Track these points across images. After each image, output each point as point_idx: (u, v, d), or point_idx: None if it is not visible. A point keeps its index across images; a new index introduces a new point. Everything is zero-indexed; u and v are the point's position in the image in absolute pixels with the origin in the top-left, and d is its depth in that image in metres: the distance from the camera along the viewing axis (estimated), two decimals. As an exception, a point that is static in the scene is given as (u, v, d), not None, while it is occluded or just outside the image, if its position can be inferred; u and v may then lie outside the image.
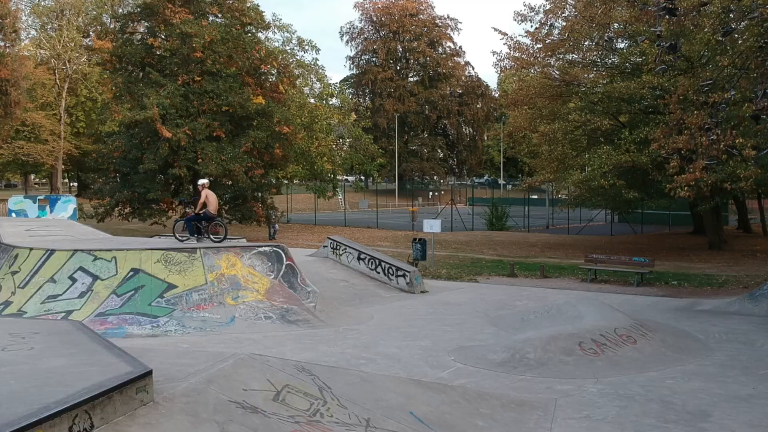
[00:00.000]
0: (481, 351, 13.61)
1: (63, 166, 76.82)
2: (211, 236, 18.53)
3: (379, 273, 22.29)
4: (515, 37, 38.84)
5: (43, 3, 75.90)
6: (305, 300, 17.22)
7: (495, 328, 16.16)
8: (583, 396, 11.09)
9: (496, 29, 37.87)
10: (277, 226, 40.74)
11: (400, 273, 21.86)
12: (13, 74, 48.47)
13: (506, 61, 38.68)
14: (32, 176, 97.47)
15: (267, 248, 17.86)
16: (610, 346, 13.42)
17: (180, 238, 18.86)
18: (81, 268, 16.48)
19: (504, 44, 38.21)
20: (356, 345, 14.28)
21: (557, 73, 35.05)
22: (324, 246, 24.64)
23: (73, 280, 16.32)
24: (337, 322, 16.54)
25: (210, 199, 18.25)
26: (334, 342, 14.50)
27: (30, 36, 76.71)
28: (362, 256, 22.89)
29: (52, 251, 16.88)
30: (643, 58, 30.71)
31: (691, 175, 18.15)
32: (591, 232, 46.86)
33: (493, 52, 39.11)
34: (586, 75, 35.07)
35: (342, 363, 12.73)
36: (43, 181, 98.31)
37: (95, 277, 16.32)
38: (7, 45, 51.11)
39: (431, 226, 28.06)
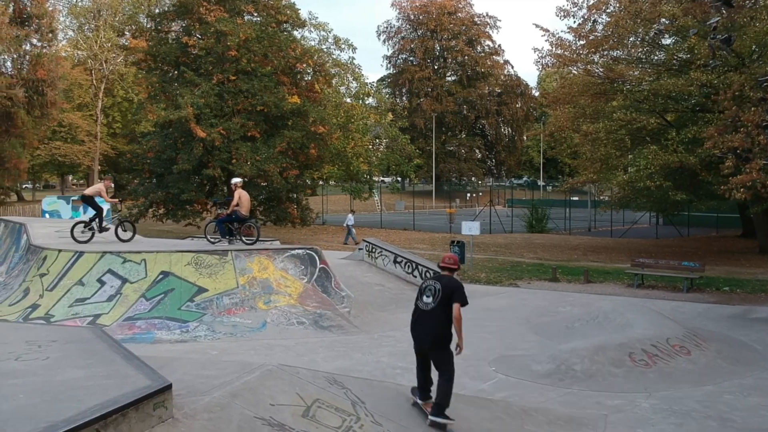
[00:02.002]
0: (524, 361, 12.87)
1: (99, 167, 77.29)
2: (244, 238, 18.01)
3: (416, 277, 21.55)
4: (557, 33, 37.91)
5: (80, 3, 76.61)
6: (339, 305, 16.62)
7: (538, 337, 15.39)
8: (636, 412, 10.34)
9: (537, 25, 37.17)
10: (354, 230, 39.96)
11: (437, 277, 21.12)
12: (50, 74, 48.53)
13: (548, 59, 37.70)
14: (70, 177, 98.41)
15: (300, 251, 17.29)
16: (663, 357, 12.59)
17: (211, 240, 18.40)
18: (110, 271, 16.08)
19: (545, 41, 37.08)
20: (392, 353, 13.63)
21: (601, 70, 34.00)
22: (359, 249, 23.98)
23: (102, 282, 15.92)
24: (372, 329, 15.89)
25: (242, 199, 17.75)
26: (368, 350, 13.87)
27: (67, 37, 77.46)
28: (398, 259, 22.18)
29: (81, 253, 16.49)
30: (693, 54, 29.59)
31: (747, 176, 17.16)
32: (635, 234, 45.59)
33: (535, 49, 37.89)
34: (631, 72, 33.98)
35: (377, 373, 12.09)
36: (81, 181, 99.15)
37: (124, 280, 15.91)
38: (44, 45, 51.22)
39: (470, 228, 27.28)
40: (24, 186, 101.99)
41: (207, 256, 16.30)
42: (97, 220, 18.65)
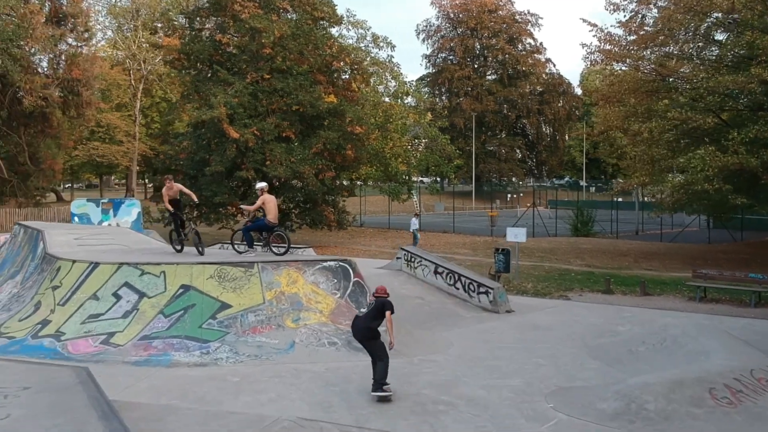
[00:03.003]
0: (587, 396, 11.22)
1: (138, 168, 76.98)
2: (272, 248, 16.57)
3: (458, 289, 19.93)
4: (606, 27, 35.99)
5: (119, 3, 76.28)
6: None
7: (598, 363, 13.70)
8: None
9: (584, 20, 34.90)
10: (419, 235, 38.16)
11: (482, 289, 19.44)
12: (85, 74, 47.87)
13: (596, 54, 35.96)
14: (113, 177, 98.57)
15: (332, 263, 15.77)
16: (748, 394, 10.87)
17: (239, 249, 17.01)
18: (127, 284, 14.78)
19: (593, 36, 35.27)
20: (433, 383, 12.08)
21: (652, 66, 32.08)
22: (397, 257, 22.35)
23: (118, 297, 14.63)
24: (412, 351, 14.34)
25: (269, 205, 16.34)
26: (407, 378, 12.34)
27: (106, 37, 77.22)
28: (440, 269, 20.53)
29: (96, 264, 15.22)
30: (752, 49, 27.59)
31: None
32: (686, 239, 43.32)
33: (583, 45, 36.32)
34: (683, 69, 32.03)
35: (417, 410, 10.59)
36: (123, 182, 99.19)
37: (141, 294, 14.59)
38: (80, 45, 50.61)
39: (515, 234, 25.60)
40: (67, 185, 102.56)
41: (231, 268, 14.92)
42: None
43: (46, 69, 50.76)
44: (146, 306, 14.44)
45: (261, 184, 16.74)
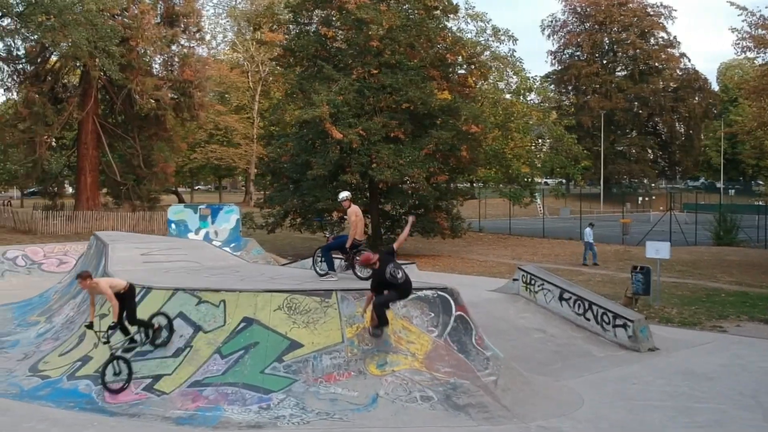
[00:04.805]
0: None
1: (255, 170, 76.67)
2: (357, 270, 13.59)
3: (589, 320, 16.29)
4: (759, 11, 31.51)
5: (240, 6, 76.09)
6: (482, 371, 11.86)
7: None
8: None
9: (732, 3, 30.78)
10: (595, 247, 34.11)
11: (618, 322, 15.73)
12: (197, 75, 46.89)
13: (747, 41, 31.63)
14: (239, 179, 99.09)
15: (429, 292, 12.60)
16: None
17: (320, 271, 14.15)
18: (181, 314, 12.25)
19: (742, 21, 31.02)
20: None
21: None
22: (514, 279, 18.84)
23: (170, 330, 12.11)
24: (529, 410, 11.04)
25: (356, 218, 13.47)
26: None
27: (226, 39, 77.31)
28: (566, 295, 16.93)
29: (149, 289, 12.78)
30: None
31: None
32: None
33: (732, 29, 31.76)
34: None
35: None
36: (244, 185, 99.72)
37: (197, 328, 12.02)
38: (191, 45, 49.81)
39: (657, 250, 21.65)
40: (197, 187, 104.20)
41: (304, 297, 12.08)
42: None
43: (160, 71, 50.37)
44: (201, 342, 11.84)
45: (345, 194, 13.84)
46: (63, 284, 19.73)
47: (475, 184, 50.07)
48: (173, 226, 29.74)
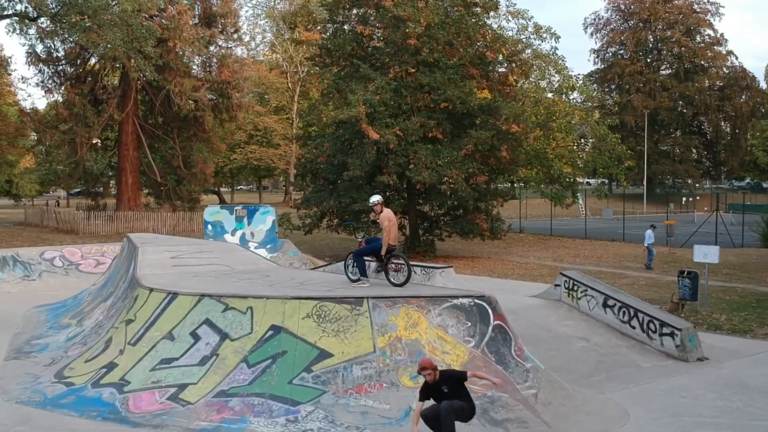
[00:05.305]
0: None
1: (295, 171, 76.72)
2: (390, 276, 13.08)
3: (634, 328, 15.53)
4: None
5: (278, 6, 76.08)
6: (521, 383, 11.26)
7: None
8: None
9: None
10: (654, 251, 32.44)
11: (665, 330, 14.96)
12: (234, 76, 46.82)
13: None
14: (281, 179, 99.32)
15: (465, 300, 12.02)
16: None
17: (352, 277, 13.68)
18: (207, 321, 11.90)
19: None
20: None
21: None
22: (556, 284, 18.12)
23: (196, 337, 11.80)
24: (570, 427, 10.42)
25: (389, 223, 12.97)
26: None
27: (265, 40, 77.41)
28: (610, 302, 16.19)
29: (174, 295, 12.42)
30: None
31: None
32: None
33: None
34: None
35: None
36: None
37: (224, 336, 11.66)
38: (229, 46, 49.77)
39: (705, 254, 20.75)
40: (239, 188, 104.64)
41: (334, 305, 11.62)
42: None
43: (199, 71, 50.41)
44: (228, 351, 11.47)
45: (376, 198, 13.31)
46: (96, 286, 19.59)
47: (515, 185, 49.00)
48: (210, 227, 29.55)
